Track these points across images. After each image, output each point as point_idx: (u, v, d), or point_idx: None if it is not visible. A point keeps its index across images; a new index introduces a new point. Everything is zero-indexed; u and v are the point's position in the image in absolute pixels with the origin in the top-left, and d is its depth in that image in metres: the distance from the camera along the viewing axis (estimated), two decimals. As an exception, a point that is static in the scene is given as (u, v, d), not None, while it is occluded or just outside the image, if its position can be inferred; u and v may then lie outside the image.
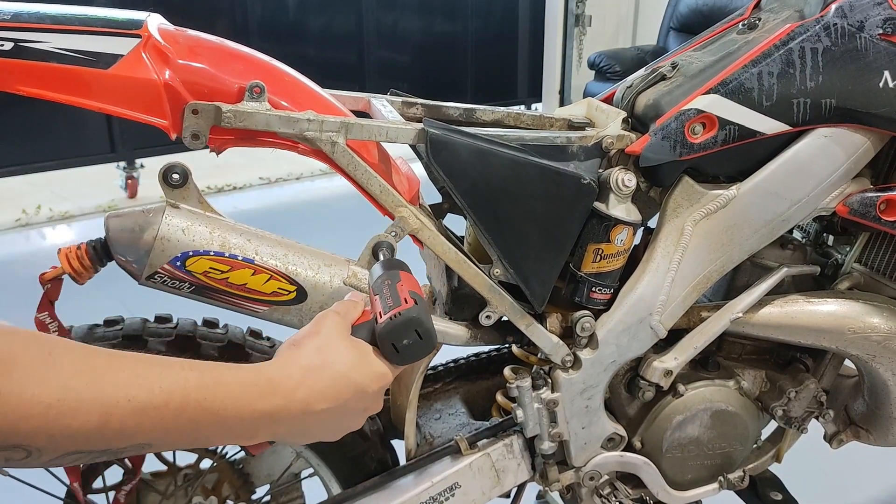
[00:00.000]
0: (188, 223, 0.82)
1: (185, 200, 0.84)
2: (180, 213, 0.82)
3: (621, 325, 1.00)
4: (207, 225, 0.83)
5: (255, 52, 0.88)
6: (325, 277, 0.85)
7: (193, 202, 0.84)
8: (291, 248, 0.86)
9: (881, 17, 0.93)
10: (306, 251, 0.87)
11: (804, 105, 0.94)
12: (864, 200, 1.00)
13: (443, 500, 1.04)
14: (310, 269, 0.85)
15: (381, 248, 0.87)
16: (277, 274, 0.84)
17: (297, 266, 0.85)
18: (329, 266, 0.87)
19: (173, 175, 0.83)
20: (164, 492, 1.06)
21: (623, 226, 0.95)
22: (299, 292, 0.84)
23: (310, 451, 1.03)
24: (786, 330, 1.07)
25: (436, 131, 0.86)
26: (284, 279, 0.84)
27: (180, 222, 0.81)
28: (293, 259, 0.85)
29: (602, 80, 4.41)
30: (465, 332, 1.00)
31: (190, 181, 0.84)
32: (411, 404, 1.05)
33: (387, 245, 0.87)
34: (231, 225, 0.85)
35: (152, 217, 0.81)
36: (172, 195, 0.83)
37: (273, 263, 0.84)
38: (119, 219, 0.81)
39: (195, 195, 0.84)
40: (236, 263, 0.82)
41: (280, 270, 0.84)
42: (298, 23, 4.30)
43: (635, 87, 1.01)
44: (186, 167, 0.83)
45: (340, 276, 0.86)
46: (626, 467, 1.12)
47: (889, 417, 1.17)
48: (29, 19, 0.74)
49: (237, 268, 0.82)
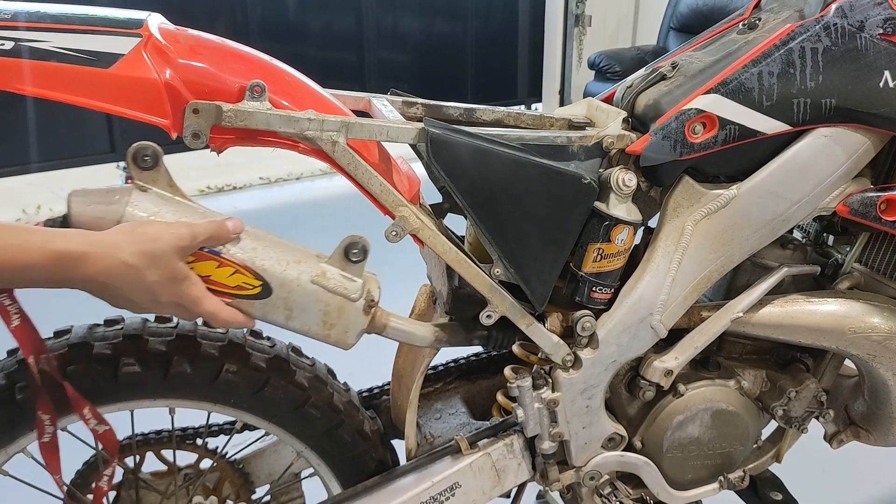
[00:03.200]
0: (155, 208, 0.79)
1: (155, 184, 0.81)
2: (147, 196, 0.79)
3: (622, 324, 1.00)
4: (175, 211, 0.80)
5: (255, 51, 0.88)
6: (292, 274, 0.83)
7: (163, 185, 0.81)
8: (262, 241, 0.84)
9: (881, 16, 0.93)
10: (278, 245, 0.85)
11: (804, 105, 0.94)
12: (865, 200, 1.01)
13: (443, 500, 1.04)
14: (278, 265, 0.83)
15: (353, 247, 0.86)
16: (243, 268, 0.81)
17: (266, 261, 0.82)
18: (298, 262, 0.84)
19: (144, 156, 0.80)
20: (165, 492, 1.06)
21: (623, 225, 0.95)
22: (264, 288, 0.82)
23: (310, 450, 1.03)
24: (786, 330, 1.07)
25: (436, 131, 0.86)
26: (250, 273, 0.81)
27: (146, 206, 0.79)
28: (262, 253, 0.82)
29: (602, 80, 4.42)
30: (430, 333, 0.99)
31: (161, 164, 0.81)
32: (412, 404, 1.05)
33: (360, 245, 0.85)
34: (201, 212, 0.82)
35: (118, 198, 0.78)
36: (142, 177, 0.80)
37: (240, 257, 0.81)
38: (82, 197, 0.78)
39: (165, 179, 0.81)
40: (201, 255, 0.79)
41: (246, 265, 0.81)
42: (298, 23, 4.30)
43: (635, 87, 1.01)
44: (158, 149, 0.80)
45: (309, 273, 0.84)
46: (627, 467, 1.12)
47: (889, 417, 1.17)
48: (29, 18, 0.74)
49: (201, 259, 0.79)
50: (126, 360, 0.90)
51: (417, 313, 1.15)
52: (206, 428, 1.08)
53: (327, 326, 0.87)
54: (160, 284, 0.74)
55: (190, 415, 1.00)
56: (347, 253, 0.86)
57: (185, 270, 0.76)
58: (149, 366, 0.91)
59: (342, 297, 0.85)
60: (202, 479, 1.09)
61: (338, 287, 0.85)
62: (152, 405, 0.94)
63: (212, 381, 0.93)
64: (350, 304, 0.86)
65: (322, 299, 0.85)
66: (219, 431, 1.09)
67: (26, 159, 3.53)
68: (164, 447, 1.07)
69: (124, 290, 0.73)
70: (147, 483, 1.06)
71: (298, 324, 0.86)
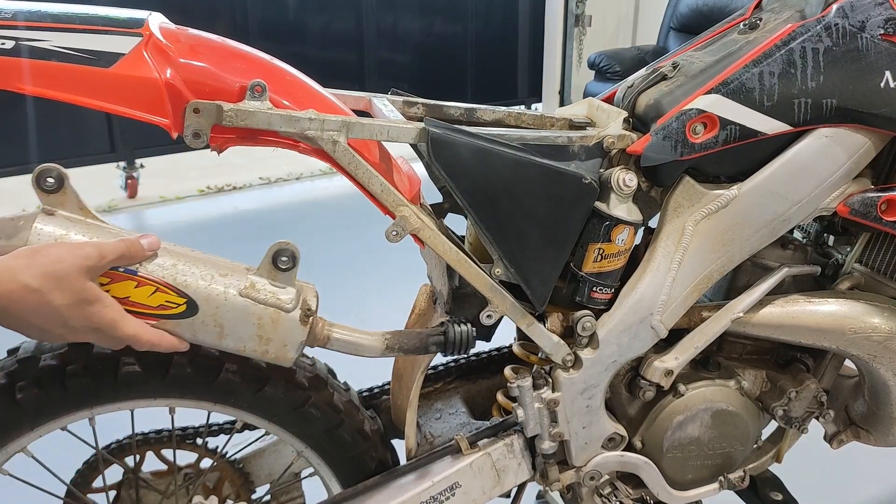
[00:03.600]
0: (61, 231, 0.76)
1: (63, 206, 0.78)
2: (54, 220, 0.77)
3: (622, 324, 1.00)
4: (85, 233, 0.77)
5: (256, 51, 0.88)
6: (218, 288, 0.80)
7: (72, 208, 0.79)
8: (182, 257, 0.80)
9: (882, 17, 0.93)
10: (200, 260, 0.81)
11: (805, 105, 0.94)
12: (865, 200, 1.01)
13: (443, 500, 1.04)
14: (201, 280, 0.79)
15: (281, 255, 0.82)
16: (164, 285, 0.77)
17: (187, 277, 0.79)
18: (224, 276, 0.81)
19: (47, 179, 0.77)
20: (165, 491, 1.06)
21: (624, 225, 0.95)
22: (190, 305, 0.78)
23: (310, 450, 1.03)
24: (786, 330, 1.07)
25: (437, 130, 0.86)
26: (172, 291, 0.78)
27: (53, 230, 0.76)
28: (183, 269, 0.79)
29: (602, 80, 4.42)
30: (380, 343, 0.93)
31: (67, 185, 0.78)
32: (412, 404, 1.05)
33: (288, 252, 0.82)
34: (115, 232, 0.79)
35: (23, 224, 0.75)
36: (48, 201, 0.78)
37: (159, 274, 0.77)
38: None
39: (74, 200, 0.78)
40: (116, 275, 0.75)
41: (167, 282, 0.78)
42: (298, 23, 4.30)
43: (636, 87, 1.01)
44: (63, 171, 0.78)
45: (237, 286, 0.81)
46: (627, 467, 1.12)
47: (889, 418, 1.17)
48: (30, 18, 0.74)
49: (117, 280, 0.76)
50: (126, 359, 0.90)
51: (417, 313, 1.15)
52: (206, 427, 1.08)
53: (264, 342, 0.83)
54: (69, 308, 0.70)
55: (190, 414, 1.00)
56: (276, 261, 0.82)
57: (95, 292, 0.72)
58: (149, 365, 0.91)
59: (275, 309, 0.81)
60: (202, 478, 1.09)
61: (269, 298, 0.81)
62: (152, 405, 0.94)
63: (212, 380, 0.93)
64: (284, 315, 0.82)
65: (254, 312, 0.81)
66: (219, 431, 1.09)
67: (26, 159, 3.53)
68: (164, 447, 1.07)
69: (29, 316, 0.69)
70: (147, 482, 1.06)
71: (232, 341, 0.82)
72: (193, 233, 3.52)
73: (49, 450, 1.00)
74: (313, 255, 3.14)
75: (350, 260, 3.04)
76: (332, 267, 3.00)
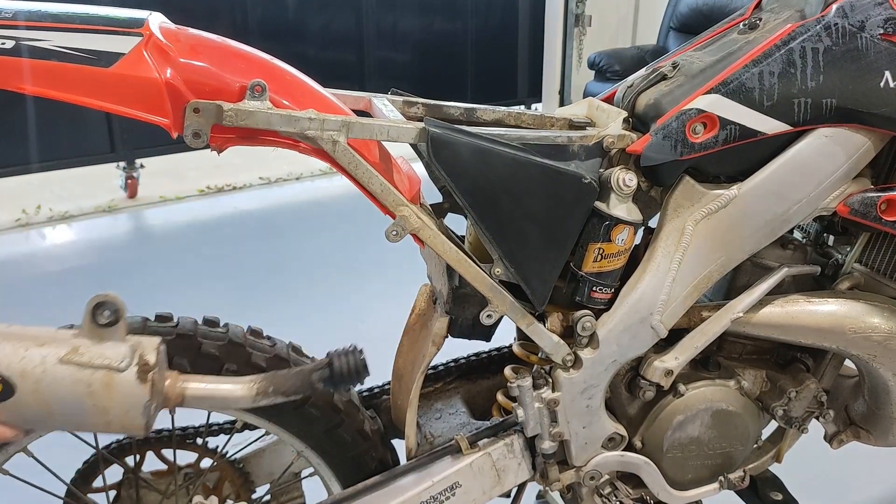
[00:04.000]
0: None
1: None
2: None
3: (622, 324, 1.00)
4: None
5: (256, 50, 0.88)
6: (34, 359, 0.70)
7: None
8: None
9: (882, 17, 0.93)
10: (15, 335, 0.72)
11: (805, 105, 0.94)
12: (865, 200, 1.01)
13: (443, 500, 1.04)
14: (14, 355, 0.70)
15: (100, 308, 0.73)
16: None
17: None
18: (42, 346, 0.71)
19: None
20: (165, 491, 1.06)
21: (624, 225, 0.95)
22: (4, 385, 0.69)
23: (311, 450, 1.03)
24: (786, 330, 1.07)
25: (437, 130, 0.86)
26: None
27: None
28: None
29: (602, 80, 4.42)
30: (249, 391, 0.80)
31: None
32: (412, 404, 1.05)
33: (109, 304, 0.73)
34: None
35: None
36: None
37: None
38: None
39: None
40: None
41: None
42: (298, 23, 4.30)
43: (636, 87, 1.01)
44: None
45: (56, 353, 0.71)
46: (627, 467, 1.12)
47: (889, 418, 1.17)
48: (30, 17, 0.74)
49: None
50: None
51: (417, 313, 1.15)
52: (207, 427, 1.08)
53: (102, 412, 0.72)
54: None
55: (190, 414, 1.00)
56: (95, 317, 0.73)
57: None
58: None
59: (105, 370, 0.71)
60: (202, 478, 1.09)
61: (94, 360, 0.71)
62: (152, 405, 0.94)
63: (212, 380, 0.93)
64: (118, 375, 0.71)
65: (80, 379, 0.71)
66: (219, 431, 1.09)
67: (26, 159, 3.53)
68: (165, 446, 1.07)
69: None
70: (147, 482, 1.06)
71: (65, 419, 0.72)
72: (193, 233, 3.52)
73: (49, 450, 1.00)
74: (313, 256, 3.15)
75: (350, 260, 3.04)
76: (332, 267, 3.01)
